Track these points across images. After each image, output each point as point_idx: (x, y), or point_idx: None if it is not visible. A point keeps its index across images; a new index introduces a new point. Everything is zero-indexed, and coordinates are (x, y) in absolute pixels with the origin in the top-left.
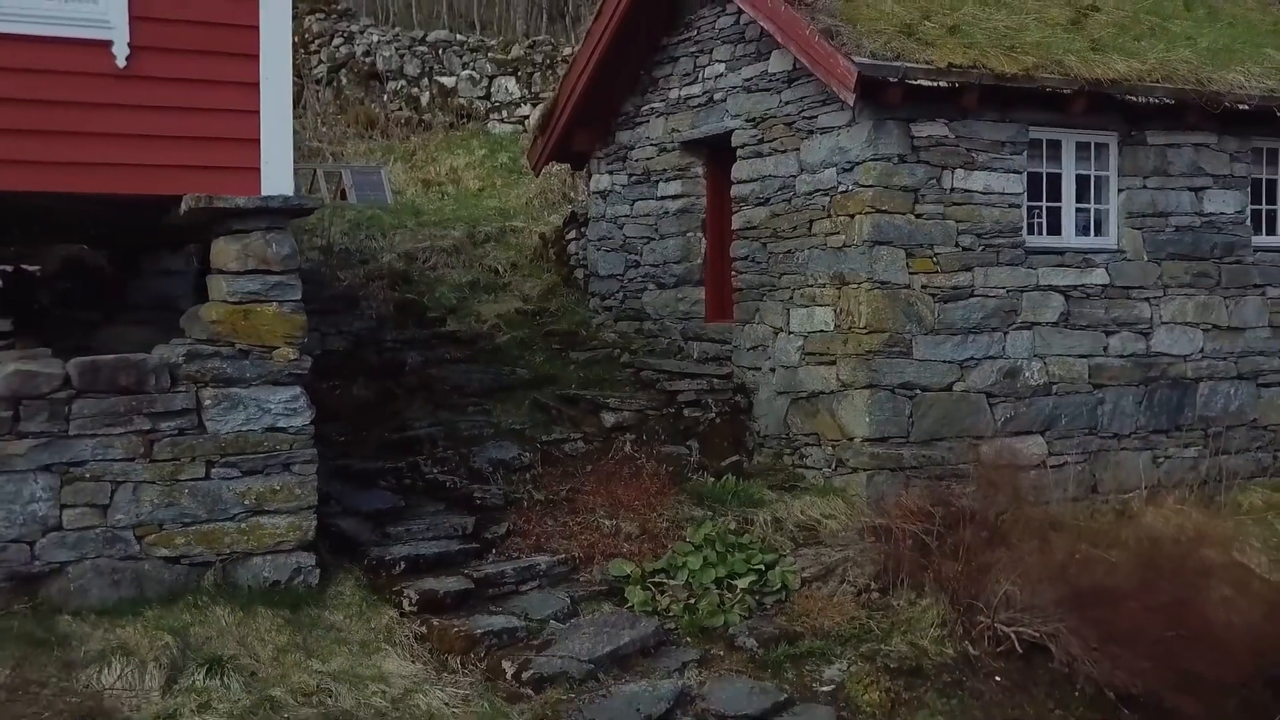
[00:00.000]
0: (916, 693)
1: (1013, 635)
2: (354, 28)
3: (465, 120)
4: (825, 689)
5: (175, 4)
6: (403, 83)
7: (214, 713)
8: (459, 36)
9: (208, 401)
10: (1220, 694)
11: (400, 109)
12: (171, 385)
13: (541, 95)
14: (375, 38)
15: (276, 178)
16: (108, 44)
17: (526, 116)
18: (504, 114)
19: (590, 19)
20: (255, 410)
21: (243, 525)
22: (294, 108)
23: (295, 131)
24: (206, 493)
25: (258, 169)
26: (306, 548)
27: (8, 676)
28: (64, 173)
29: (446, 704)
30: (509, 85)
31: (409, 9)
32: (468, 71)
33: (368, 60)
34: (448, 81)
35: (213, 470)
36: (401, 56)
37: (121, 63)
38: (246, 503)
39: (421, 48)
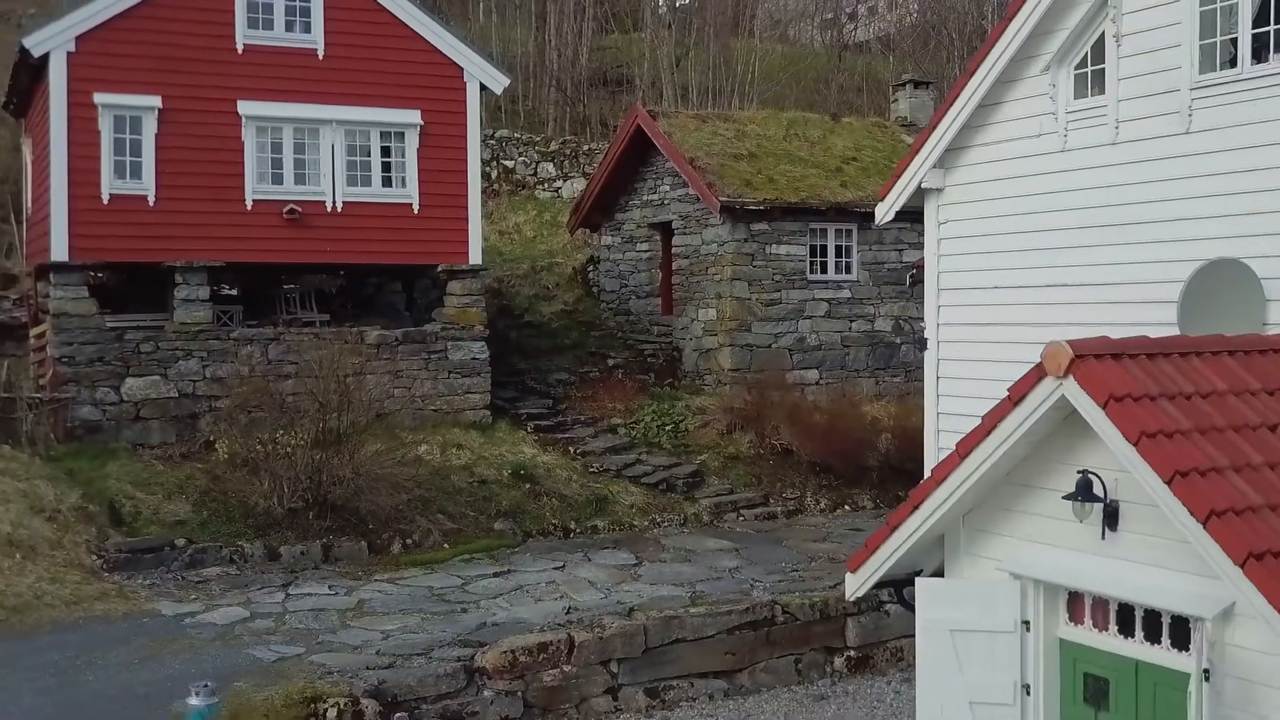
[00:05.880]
0: (735, 465)
1: (778, 444)
2: None
3: (520, 189)
4: (697, 461)
5: (437, 189)
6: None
7: (460, 458)
8: (516, 134)
9: (449, 347)
10: (860, 467)
11: None
12: (435, 340)
13: (570, 175)
14: None
15: (475, 254)
16: (410, 204)
17: (560, 188)
18: (545, 186)
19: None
20: (467, 351)
21: (462, 397)
22: None
23: None
24: (448, 384)
25: (467, 251)
26: (486, 408)
27: (383, 446)
28: (393, 255)
29: (549, 459)
30: (549, 167)
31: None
32: (522, 158)
33: None
34: (509, 164)
35: (450, 374)
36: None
37: (416, 210)
38: (463, 388)
39: (492, 141)
